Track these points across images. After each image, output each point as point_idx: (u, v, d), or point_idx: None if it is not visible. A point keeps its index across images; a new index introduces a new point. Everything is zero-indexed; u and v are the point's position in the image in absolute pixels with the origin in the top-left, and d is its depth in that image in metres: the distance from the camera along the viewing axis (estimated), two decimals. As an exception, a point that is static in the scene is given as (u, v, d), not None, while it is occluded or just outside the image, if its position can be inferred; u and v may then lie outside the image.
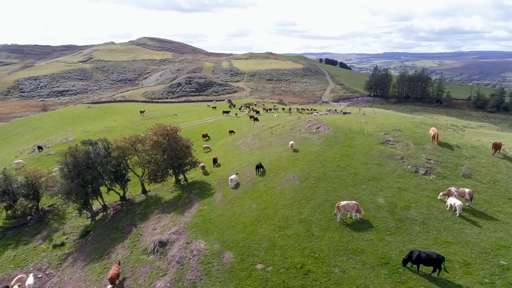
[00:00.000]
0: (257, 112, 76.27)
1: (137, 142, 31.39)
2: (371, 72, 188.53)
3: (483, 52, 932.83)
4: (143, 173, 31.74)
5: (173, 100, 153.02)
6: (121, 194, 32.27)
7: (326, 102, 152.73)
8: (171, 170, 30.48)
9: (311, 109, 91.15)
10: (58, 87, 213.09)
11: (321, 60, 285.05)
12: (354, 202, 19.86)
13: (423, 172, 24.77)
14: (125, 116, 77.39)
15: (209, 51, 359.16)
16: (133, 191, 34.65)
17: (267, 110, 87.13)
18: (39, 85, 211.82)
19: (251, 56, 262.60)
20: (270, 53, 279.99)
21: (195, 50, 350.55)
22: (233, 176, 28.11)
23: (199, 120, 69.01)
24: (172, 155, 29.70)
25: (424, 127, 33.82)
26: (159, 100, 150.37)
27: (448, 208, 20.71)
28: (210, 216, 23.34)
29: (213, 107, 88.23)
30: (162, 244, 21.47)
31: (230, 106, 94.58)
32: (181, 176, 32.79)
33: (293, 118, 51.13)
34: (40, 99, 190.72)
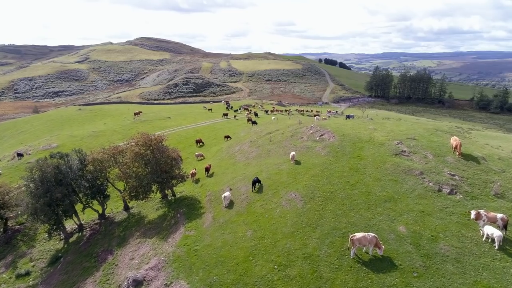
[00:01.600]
0: (256, 114, 72.49)
1: (117, 153, 27.60)
2: (372, 72, 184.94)
3: (482, 52, 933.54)
4: (125, 188, 27.96)
5: (169, 101, 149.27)
6: (100, 212, 28.49)
7: (326, 103, 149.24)
8: (154, 186, 26.65)
9: (313, 111, 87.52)
10: (53, 88, 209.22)
11: (320, 60, 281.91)
12: (372, 234, 16.15)
13: (447, 191, 21.09)
14: (116, 119, 73.53)
15: (207, 51, 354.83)
16: (115, 207, 30.87)
17: (267, 112, 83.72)
18: (34, 85, 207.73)
19: (249, 56, 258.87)
20: (269, 53, 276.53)
21: (193, 50, 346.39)
22: (226, 194, 24.42)
23: (193, 123, 65.21)
24: (156, 168, 25.92)
25: (441, 134, 30.18)
26: (155, 102, 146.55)
27: (484, 239, 17.05)
28: (197, 246, 19.58)
29: (208, 109, 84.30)
30: (137, 283, 17.72)
31: (227, 108, 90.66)
32: (168, 191, 29.05)
33: (294, 122, 47.44)
34: (34, 100, 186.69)
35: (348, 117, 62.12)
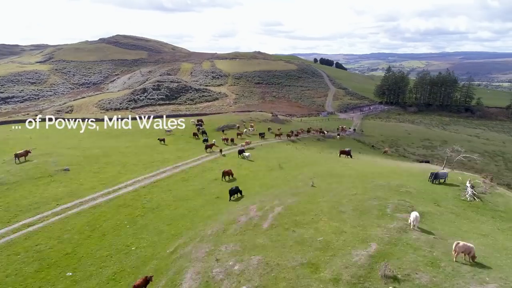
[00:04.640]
0: (241, 152, 40.82)
1: None
2: (384, 74, 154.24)
3: (468, 52, 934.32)
4: None
5: (131, 112, 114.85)
6: None
7: (331, 113, 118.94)
8: None
9: (322, 132, 57.21)
10: (2, 93, 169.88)
11: (316, 60, 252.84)
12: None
13: None
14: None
15: (191, 51, 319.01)
16: None
17: (261, 135, 53.79)
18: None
19: (236, 55, 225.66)
20: (259, 52, 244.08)
21: (174, 50, 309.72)
22: None
23: (113, 184, 31.74)
24: None
25: None
26: (110, 112, 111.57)
27: None
28: None
29: (160, 141, 48.84)
30: None
31: (198, 130, 58.51)
32: None
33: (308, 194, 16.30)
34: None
35: (435, 178, 27.44)
